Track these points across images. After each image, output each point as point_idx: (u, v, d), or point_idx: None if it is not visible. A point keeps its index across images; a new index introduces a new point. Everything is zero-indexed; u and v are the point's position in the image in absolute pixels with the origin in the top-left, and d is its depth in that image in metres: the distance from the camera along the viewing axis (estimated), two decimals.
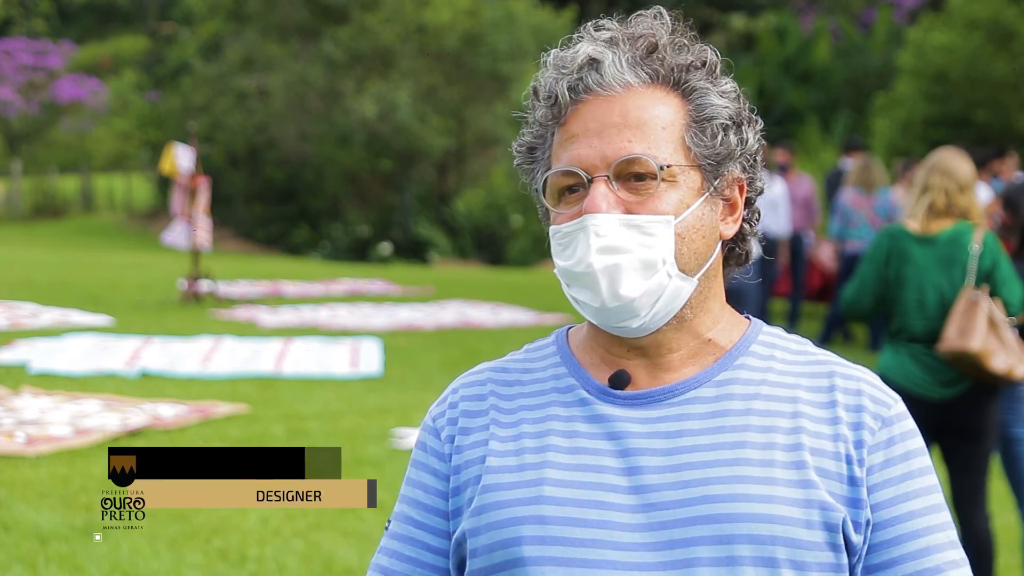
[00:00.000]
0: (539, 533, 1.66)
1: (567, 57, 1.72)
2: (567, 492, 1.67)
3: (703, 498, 1.64)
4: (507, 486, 1.69)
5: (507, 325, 14.35)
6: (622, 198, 1.67)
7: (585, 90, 1.69)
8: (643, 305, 1.68)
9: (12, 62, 33.13)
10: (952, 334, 5.21)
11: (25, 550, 6.04)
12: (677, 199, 1.68)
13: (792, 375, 1.74)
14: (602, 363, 1.76)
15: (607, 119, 1.68)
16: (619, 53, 1.70)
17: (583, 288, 1.69)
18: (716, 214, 1.73)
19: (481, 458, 1.74)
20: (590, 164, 1.68)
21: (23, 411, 8.70)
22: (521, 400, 1.77)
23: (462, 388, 1.82)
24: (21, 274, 18.11)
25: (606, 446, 1.69)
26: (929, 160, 5.53)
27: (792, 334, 1.82)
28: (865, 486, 1.68)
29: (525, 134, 1.77)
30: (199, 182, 15.37)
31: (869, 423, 1.71)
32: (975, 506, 5.45)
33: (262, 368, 10.93)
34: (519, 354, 1.85)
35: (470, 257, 24.51)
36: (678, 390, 1.72)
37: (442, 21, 25.86)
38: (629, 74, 1.69)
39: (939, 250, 5.37)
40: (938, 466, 5.70)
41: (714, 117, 1.71)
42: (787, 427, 1.69)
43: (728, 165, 1.72)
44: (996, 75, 18.68)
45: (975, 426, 5.35)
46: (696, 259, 1.70)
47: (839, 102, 25.51)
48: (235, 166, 27.26)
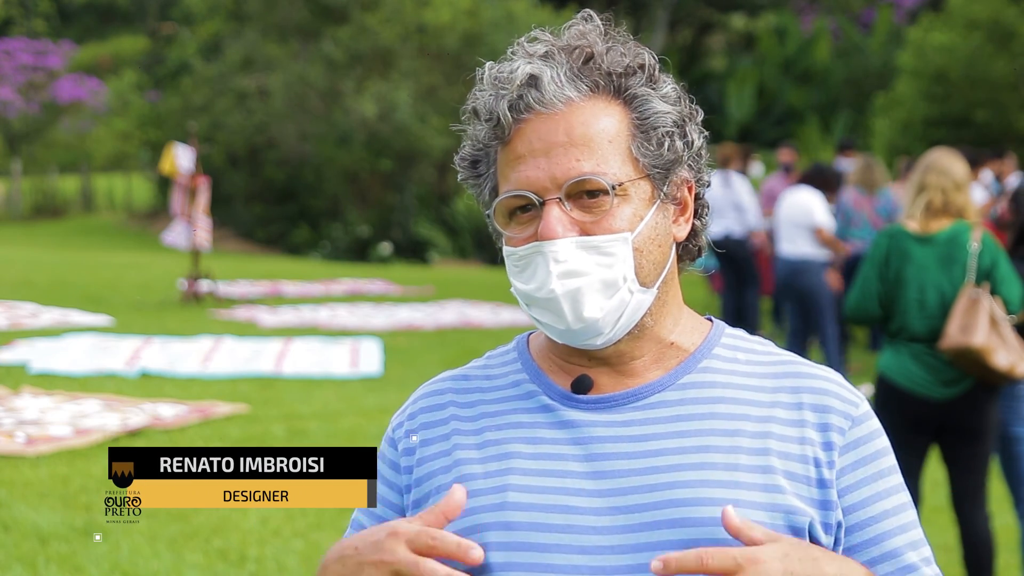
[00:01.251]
0: (505, 539, 1.65)
1: (504, 75, 1.69)
2: (532, 497, 1.66)
3: (668, 502, 1.63)
4: (472, 493, 1.68)
5: (507, 325, 14.35)
6: (576, 219, 1.66)
7: (526, 108, 1.67)
8: (607, 323, 1.68)
9: (12, 62, 33.13)
10: (954, 331, 5.22)
11: (25, 550, 6.04)
12: (631, 213, 1.67)
13: (756, 376, 1.74)
14: (562, 370, 1.76)
15: (552, 138, 1.66)
16: (556, 68, 1.68)
17: (545, 311, 1.69)
18: (668, 219, 1.72)
19: (444, 468, 1.73)
20: (540, 187, 1.66)
21: (23, 411, 8.70)
22: (482, 407, 1.76)
23: (421, 399, 1.82)
24: (21, 274, 18.11)
25: (571, 450, 1.69)
26: (924, 160, 5.54)
27: (755, 335, 1.81)
28: (835, 488, 1.68)
29: (466, 147, 1.75)
30: (199, 182, 15.37)
31: (837, 423, 1.70)
32: (975, 506, 5.44)
33: (262, 368, 10.93)
34: (480, 361, 1.84)
35: (470, 257, 24.51)
36: (642, 393, 1.71)
37: (442, 21, 25.87)
38: (569, 89, 1.67)
39: (939, 249, 5.37)
40: (938, 466, 5.70)
41: (658, 125, 1.69)
42: (752, 430, 1.68)
43: (676, 170, 1.71)
44: (996, 75, 18.69)
45: (975, 426, 5.35)
46: (655, 269, 1.70)
47: (839, 102, 25.53)
48: (235, 166, 27.26)
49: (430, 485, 1.73)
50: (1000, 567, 5.99)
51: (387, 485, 1.79)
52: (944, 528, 6.29)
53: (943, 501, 5.46)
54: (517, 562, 1.64)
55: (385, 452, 1.81)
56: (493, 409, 1.76)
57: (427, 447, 1.76)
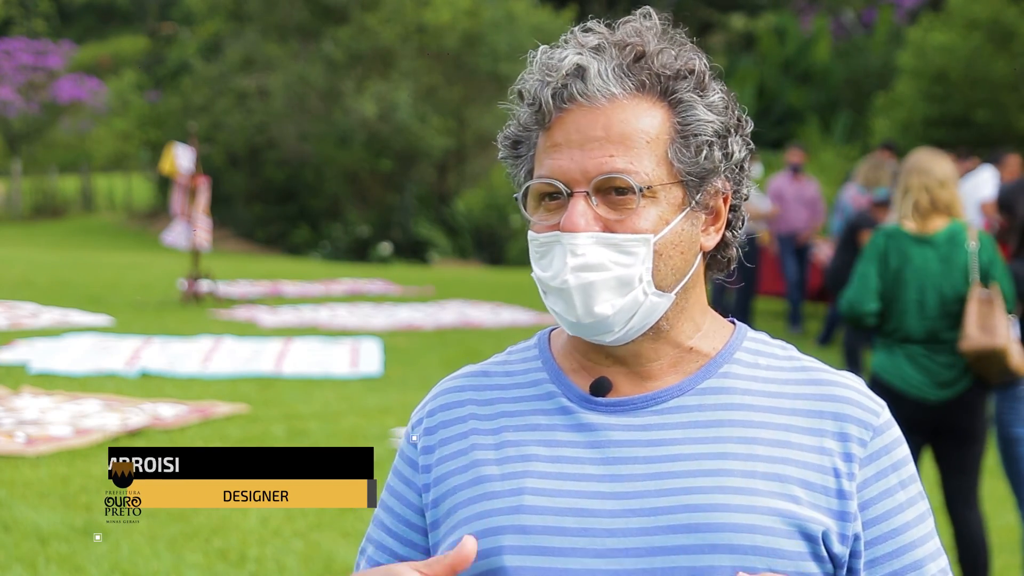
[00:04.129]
0: (520, 543, 1.65)
1: (553, 62, 1.69)
2: (548, 501, 1.66)
3: (684, 507, 1.63)
4: (488, 496, 1.68)
5: (507, 325, 14.35)
6: (601, 215, 1.66)
7: (569, 98, 1.67)
8: (618, 321, 1.67)
9: (12, 62, 33.14)
10: (974, 332, 5.20)
11: (25, 550, 6.04)
12: (656, 215, 1.66)
13: (777, 383, 1.72)
14: (583, 369, 1.75)
15: (590, 131, 1.66)
16: (605, 61, 1.67)
17: (559, 300, 1.68)
18: (697, 227, 1.71)
19: (462, 468, 1.72)
20: (570, 177, 1.66)
21: (23, 411, 8.70)
22: (501, 406, 1.76)
23: (441, 395, 1.81)
24: (21, 274, 18.11)
25: (587, 454, 1.68)
26: (906, 162, 5.56)
27: (777, 339, 1.80)
28: (855, 499, 1.67)
29: (510, 127, 1.75)
30: (199, 182, 15.37)
31: (857, 434, 1.69)
32: (968, 507, 5.44)
33: (262, 368, 10.93)
34: (501, 356, 1.84)
35: (470, 257, 24.51)
36: (661, 398, 1.70)
37: (442, 21, 25.87)
38: (614, 84, 1.66)
39: (938, 250, 5.36)
40: (930, 467, 5.70)
41: (699, 133, 1.68)
42: (770, 438, 1.67)
43: (712, 180, 1.70)
44: (996, 75, 18.69)
45: (969, 427, 5.35)
46: (674, 275, 1.69)
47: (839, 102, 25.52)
48: (235, 166, 27.27)
49: (447, 485, 1.72)
50: (1000, 567, 5.99)
51: (405, 483, 1.78)
52: (939, 530, 6.28)
53: (936, 503, 5.46)
54: (532, 566, 1.64)
55: (404, 449, 1.80)
56: (512, 409, 1.75)
57: (445, 446, 1.75)
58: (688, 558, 1.61)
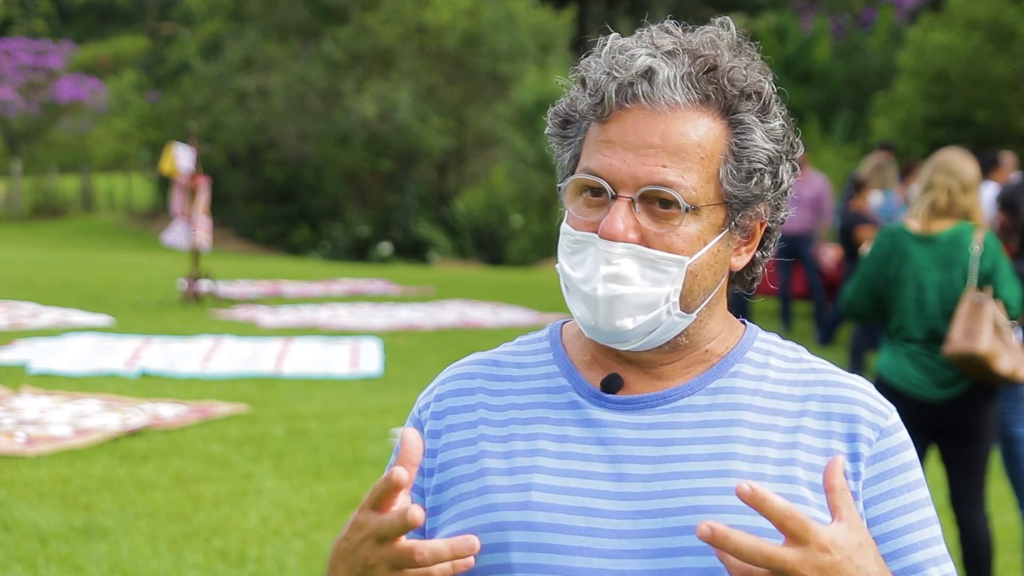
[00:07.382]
0: (527, 540, 1.64)
1: (623, 58, 1.65)
2: (556, 498, 1.65)
3: (691, 508, 1.62)
4: (495, 490, 1.67)
5: (507, 325, 14.35)
6: (642, 224, 1.63)
7: (632, 99, 1.63)
8: (636, 335, 1.66)
9: (12, 62, 33.15)
10: (958, 336, 5.19)
11: (25, 550, 6.04)
12: (696, 235, 1.64)
13: (786, 384, 1.72)
14: (595, 363, 1.74)
15: (647, 137, 1.63)
16: (676, 68, 1.64)
17: (581, 303, 1.66)
18: (730, 248, 1.69)
19: (469, 458, 1.71)
20: (618, 180, 1.63)
21: (23, 411, 8.69)
22: (511, 397, 1.74)
23: (450, 380, 1.79)
24: (21, 274, 18.11)
25: (596, 451, 1.67)
26: (934, 158, 5.52)
27: (787, 340, 1.79)
28: (861, 499, 1.67)
29: (563, 104, 1.71)
30: (199, 182, 15.37)
31: (865, 434, 1.69)
32: (974, 507, 5.44)
33: (262, 368, 10.93)
34: (511, 346, 1.82)
35: (470, 257, 24.51)
36: (671, 396, 1.69)
37: (442, 21, 25.89)
38: (680, 93, 1.63)
39: (939, 250, 5.35)
40: (936, 467, 5.70)
41: (753, 159, 1.66)
42: (779, 440, 1.67)
43: (755, 205, 1.68)
44: (996, 75, 18.68)
45: (973, 427, 5.34)
46: (703, 295, 1.67)
47: (839, 102, 25.51)
48: (235, 166, 27.29)
49: (452, 472, 1.71)
50: (1001, 567, 5.99)
51: None
52: (943, 529, 6.28)
53: (942, 502, 5.46)
54: (538, 563, 1.63)
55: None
56: (522, 401, 1.73)
57: (453, 432, 1.74)
58: (695, 559, 1.61)
